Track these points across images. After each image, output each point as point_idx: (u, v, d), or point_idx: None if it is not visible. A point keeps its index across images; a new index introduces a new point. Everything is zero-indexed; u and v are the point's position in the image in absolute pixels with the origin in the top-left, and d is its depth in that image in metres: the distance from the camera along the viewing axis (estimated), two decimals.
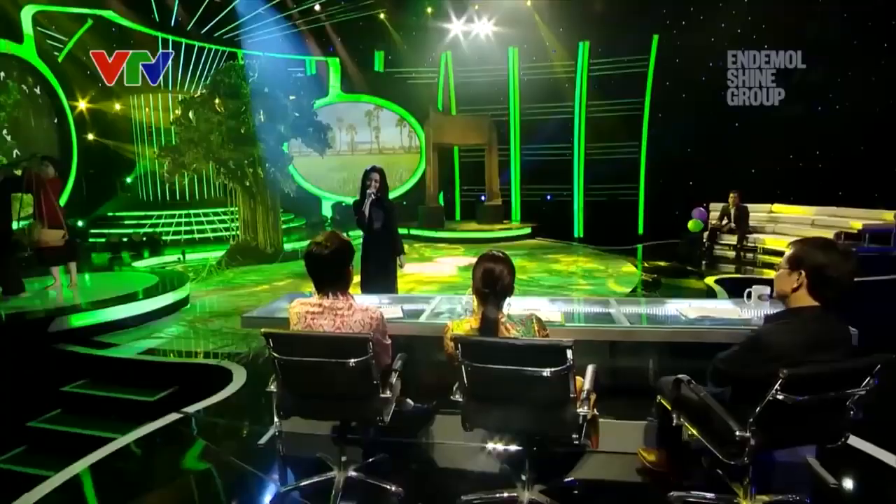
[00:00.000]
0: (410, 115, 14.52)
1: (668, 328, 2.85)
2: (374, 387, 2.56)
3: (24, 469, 4.29)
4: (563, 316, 3.10)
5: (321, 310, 2.55)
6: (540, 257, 10.08)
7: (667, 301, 3.39)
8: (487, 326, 2.36)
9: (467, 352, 2.33)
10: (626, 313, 3.17)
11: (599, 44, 13.19)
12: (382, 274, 4.96)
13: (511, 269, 2.44)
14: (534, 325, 2.37)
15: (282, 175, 9.59)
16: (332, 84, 14.19)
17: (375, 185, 4.84)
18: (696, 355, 2.92)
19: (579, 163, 13.79)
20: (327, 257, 2.50)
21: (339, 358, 2.45)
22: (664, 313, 3.19)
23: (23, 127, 9.02)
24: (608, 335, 2.91)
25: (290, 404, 2.69)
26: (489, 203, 12.93)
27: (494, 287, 2.37)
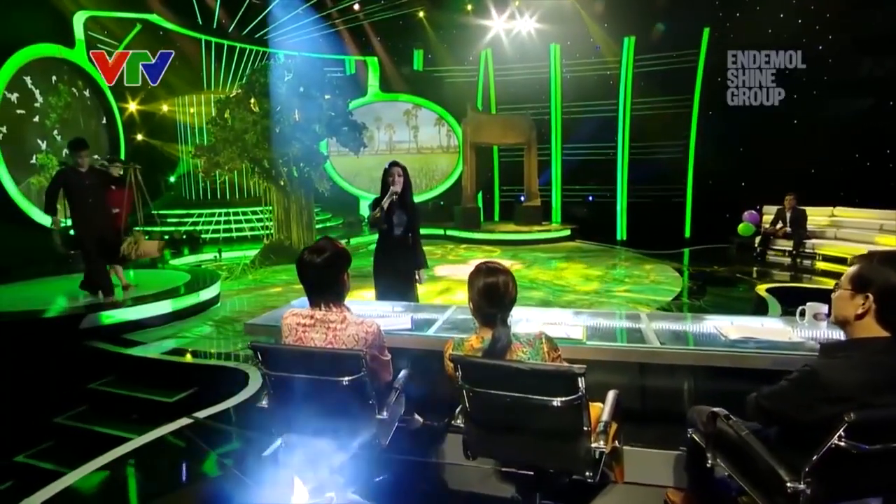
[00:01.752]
0: (449, 115, 14.31)
1: (704, 350, 2.50)
2: (369, 407, 2.35)
3: (46, 465, 4.33)
4: (586, 331, 2.79)
5: (313, 322, 2.35)
6: (578, 261, 9.66)
7: (705, 317, 3.02)
8: (498, 350, 2.08)
9: (468, 374, 2.08)
10: (658, 330, 2.83)
11: (646, 39, 12.59)
12: (400, 287, 4.38)
13: (513, 278, 2.17)
14: (542, 345, 2.08)
15: (316, 174, 9.55)
16: (370, 83, 14.14)
17: (399, 180, 4.21)
18: (737, 380, 2.58)
19: (623, 162, 13.24)
20: (319, 265, 2.30)
21: (331, 375, 2.25)
22: (701, 331, 2.83)
23: (72, 128, 9.32)
24: (633, 355, 2.59)
25: (283, 422, 2.51)
26: (528, 204, 12.56)
27: (501, 304, 2.10)
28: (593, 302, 6.73)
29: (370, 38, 13.65)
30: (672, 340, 2.66)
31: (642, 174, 12.87)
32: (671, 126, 12.45)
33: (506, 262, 9.48)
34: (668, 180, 12.66)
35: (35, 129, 8.67)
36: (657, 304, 6.54)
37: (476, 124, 12.47)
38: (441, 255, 10.76)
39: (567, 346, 2.63)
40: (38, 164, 8.67)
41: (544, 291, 7.39)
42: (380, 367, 2.46)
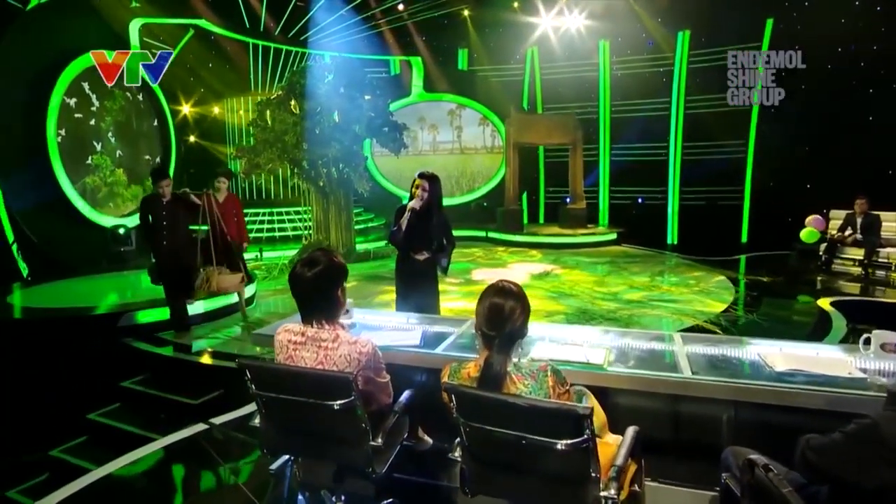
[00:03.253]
0: (493, 114, 14.02)
1: (743, 384, 2.17)
2: (362, 432, 2.17)
3: (76, 461, 4.40)
4: (609, 355, 2.51)
5: (304, 340, 2.20)
6: (623, 266, 9.18)
7: (749, 342, 2.66)
8: (489, 377, 1.86)
9: (462, 406, 1.86)
10: (691, 354, 2.51)
11: (702, 32, 11.89)
12: (422, 305, 4.04)
13: (525, 306, 1.92)
14: (547, 378, 1.83)
15: (356, 175, 9.51)
16: (414, 83, 14.04)
17: (423, 194, 3.84)
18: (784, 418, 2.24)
19: (675, 163, 12.58)
20: (310, 280, 2.15)
21: (320, 398, 2.09)
22: (742, 357, 2.49)
23: (126, 130, 9.70)
24: (660, 385, 2.28)
25: (276, 442, 2.37)
26: (572, 206, 12.12)
27: (501, 329, 1.87)
28: (634, 312, 6.32)
29: (414, 37, 13.54)
30: (706, 369, 2.34)
31: (696, 175, 12.20)
32: (728, 124, 11.69)
33: (546, 266, 9.18)
34: (723, 181, 11.92)
35: (91, 131, 9.05)
36: (705, 317, 6.07)
37: (520, 124, 12.14)
38: (480, 257, 10.52)
39: (586, 372, 2.37)
40: (93, 164, 9.05)
41: (583, 299, 7.02)
42: (376, 390, 2.28)
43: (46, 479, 4.29)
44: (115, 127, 9.45)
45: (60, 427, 4.73)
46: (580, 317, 6.09)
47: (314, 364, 2.17)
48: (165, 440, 3.67)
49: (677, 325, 5.81)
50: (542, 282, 8.08)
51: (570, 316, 6.12)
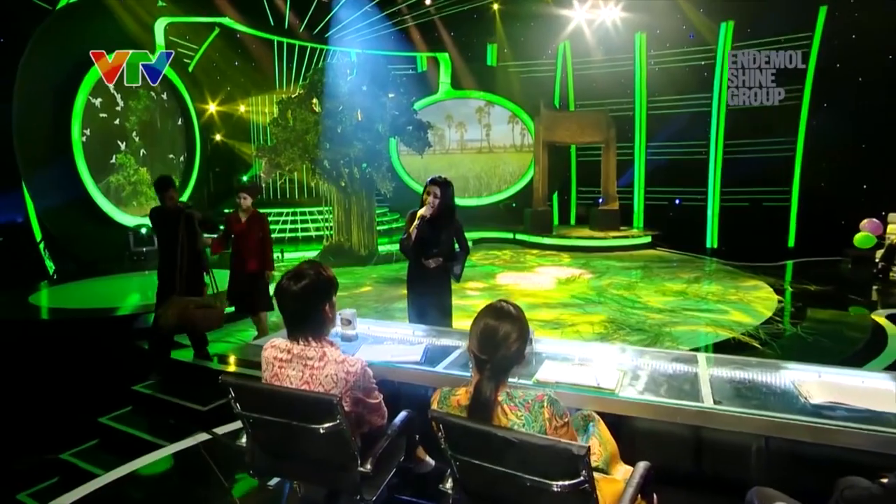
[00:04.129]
0: (523, 112, 13.81)
1: (772, 417, 1.97)
2: (350, 458, 2.06)
3: (85, 465, 4.45)
4: (623, 378, 2.33)
5: (290, 357, 2.11)
6: (656, 272, 8.86)
7: (783, 366, 2.44)
8: (478, 406, 1.72)
9: (450, 437, 1.73)
10: (716, 379, 2.32)
11: (747, 23, 11.40)
12: (434, 317, 3.92)
13: (522, 331, 1.77)
14: (543, 410, 1.68)
15: (378, 175, 9.47)
16: (441, 80, 13.94)
17: (435, 201, 3.67)
18: (819, 456, 2.03)
19: (716, 162, 12.13)
20: (296, 294, 2.06)
21: (304, 421, 1.99)
22: (774, 384, 2.27)
23: (150, 129, 9.91)
24: (677, 415, 2.10)
25: (263, 464, 2.28)
26: (604, 207, 11.80)
27: (493, 353, 1.72)
28: (665, 322, 6.05)
29: (441, 33, 13.44)
30: (731, 398, 2.14)
31: (739, 175, 11.75)
32: (775, 121, 11.19)
33: (574, 270, 8.94)
34: (769, 182, 11.43)
35: (116, 130, 9.28)
36: (743, 329, 5.76)
37: (550, 122, 11.89)
38: (506, 260, 10.34)
39: (596, 397, 2.21)
40: (117, 163, 9.28)
41: (611, 307, 6.77)
42: (367, 411, 2.17)
43: (57, 483, 4.34)
44: (139, 126, 9.67)
45: (72, 429, 4.80)
46: (606, 326, 5.86)
47: (299, 383, 2.07)
48: (168, 449, 3.66)
49: (711, 338, 5.53)
50: (569, 287, 7.86)
51: (595, 325, 5.90)
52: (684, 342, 5.36)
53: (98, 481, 3.55)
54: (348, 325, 3.22)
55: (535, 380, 2.34)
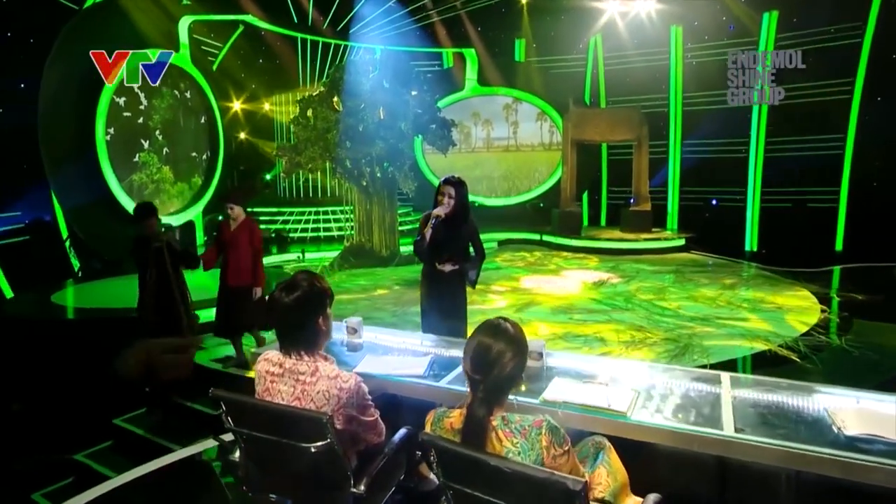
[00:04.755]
0: (552, 109, 13.59)
1: (799, 449, 1.82)
2: (342, 477, 2.00)
3: (98, 467, 4.53)
4: (637, 399, 2.21)
5: (282, 372, 2.06)
6: (689, 277, 8.58)
7: (816, 389, 2.28)
8: (471, 430, 1.63)
9: (442, 462, 1.65)
10: (739, 402, 2.18)
11: (793, 12, 10.97)
12: (448, 326, 3.82)
13: (518, 350, 1.68)
14: (541, 438, 1.58)
15: (401, 174, 9.44)
16: (468, 77, 13.83)
17: (449, 201, 3.65)
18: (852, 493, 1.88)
19: (757, 160, 11.74)
20: (288, 306, 2.01)
21: (294, 439, 1.94)
22: (805, 410, 2.12)
23: (173, 127, 10.11)
24: (694, 442, 1.97)
25: (255, 480, 2.24)
26: (635, 208, 11.52)
27: (486, 373, 1.64)
28: (696, 331, 5.83)
29: (468, 28, 13.32)
30: (755, 425, 2.00)
31: (781, 174, 11.34)
32: (822, 116, 10.74)
33: (602, 274, 8.73)
34: (815, 181, 11.00)
35: (139, 129, 9.48)
36: (781, 340, 5.50)
37: (578, 119, 11.66)
38: (531, 263, 10.19)
39: (606, 420, 2.10)
40: (140, 162, 9.49)
41: (639, 313, 6.58)
42: (362, 429, 2.11)
43: (70, 483, 4.42)
44: (162, 125, 9.87)
45: (87, 430, 4.89)
46: (632, 335, 5.68)
47: (291, 399, 2.03)
48: (175, 455, 3.68)
49: (745, 350, 5.30)
50: (596, 292, 7.67)
51: (620, 333, 5.73)
52: (715, 354, 5.15)
53: (108, 484, 3.59)
54: (354, 333, 3.18)
55: (542, 398, 2.24)
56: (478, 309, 6.86)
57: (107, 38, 8.53)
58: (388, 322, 6.50)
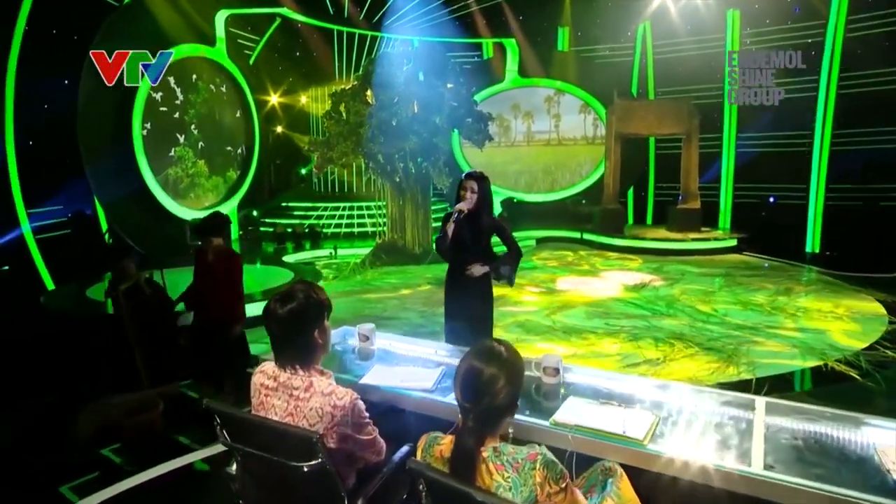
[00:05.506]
0: (596, 100, 13.25)
1: (837, 495, 1.65)
2: (337, 498, 1.95)
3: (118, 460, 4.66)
4: (656, 425, 2.07)
5: (276, 385, 2.02)
6: (739, 280, 8.19)
7: (866, 422, 2.07)
8: (459, 460, 1.55)
9: (432, 492, 1.57)
10: (773, 433, 2.01)
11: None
12: (472, 331, 3.74)
13: (512, 377, 1.58)
14: (534, 473, 1.48)
15: (435, 169, 9.38)
16: (508, 68, 13.62)
17: (472, 196, 3.58)
18: None
19: (821, 154, 11.12)
20: (282, 318, 1.97)
21: (286, 457, 1.90)
22: (849, 446, 1.93)
23: (208, 122, 10.35)
24: (716, 478, 1.81)
25: (252, 494, 2.21)
26: (684, 206, 11.10)
27: (476, 401, 1.55)
28: (742, 341, 5.53)
29: (508, 17, 13.11)
30: (789, 461, 1.83)
31: (849, 169, 10.74)
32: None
33: (645, 276, 8.44)
34: (887, 177, 10.28)
35: (175, 124, 9.76)
36: (839, 354, 5.15)
37: (623, 112, 11.31)
38: (570, 262, 9.96)
39: (620, 447, 1.97)
40: (175, 156, 9.76)
41: (680, 319, 6.31)
42: (358, 448, 2.05)
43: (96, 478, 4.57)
44: (198, 119, 10.13)
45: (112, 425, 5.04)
46: (672, 343, 5.43)
47: (284, 414, 1.99)
48: (186, 458, 3.74)
49: (797, 363, 4.98)
50: (636, 295, 7.42)
51: (659, 342, 5.49)
52: (762, 367, 4.87)
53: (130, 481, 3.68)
54: (366, 340, 3.13)
55: (553, 420, 2.13)
56: (508, 311, 6.76)
57: (145, 34, 8.81)
58: (415, 323, 6.46)
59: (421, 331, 6.08)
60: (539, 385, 2.53)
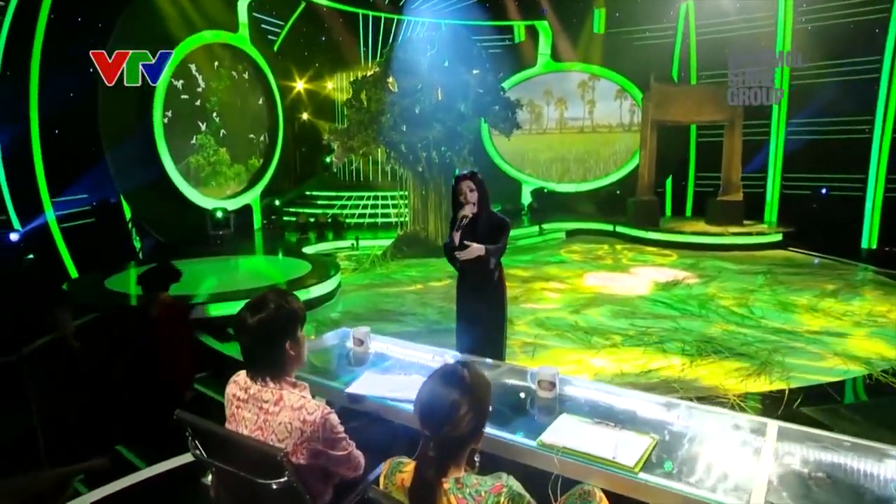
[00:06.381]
0: (633, 85, 12.85)
1: None
2: None
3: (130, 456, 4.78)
4: (652, 449, 1.96)
5: (246, 397, 2.00)
6: (782, 279, 7.84)
7: (891, 453, 1.91)
8: (418, 492, 1.48)
9: None
10: (784, 461, 1.87)
11: None
12: (483, 339, 3.74)
13: (476, 404, 1.50)
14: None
15: (459, 159, 9.28)
16: (540, 52, 13.32)
17: (473, 196, 3.55)
18: None
19: (883, 141, 10.50)
20: (252, 329, 1.93)
21: (254, 473, 1.87)
22: (866, 482, 1.78)
23: (230, 109, 10.47)
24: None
25: None
26: (724, 198, 10.70)
27: (437, 429, 1.47)
28: (778, 347, 5.28)
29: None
30: (796, 498, 1.70)
31: None
32: None
33: (678, 273, 8.17)
34: None
35: (196, 111, 9.90)
36: (887, 364, 4.86)
37: (661, 98, 10.92)
38: (599, 257, 9.73)
39: (607, 473, 1.87)
40: (197, 144, 9.92)
41: (713, 321, 6.08)
42: (332, 464, 2.00)
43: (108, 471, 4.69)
44: (219, 106, 10.26)
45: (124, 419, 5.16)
46: (698, 349, 5.22)
47: (254, 428, 1.96)
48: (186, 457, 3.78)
49: (838, 373, 4.73)
50: (668, 293, 7.18)
51: (686, 347, 5.29)
52: (798, 376, 4.63)
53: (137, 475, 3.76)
54: (361, 345, 3.08)
55: (540, 441, 2.04)
56: (529, 308, 6.64)
57: (166, 21, 8.95)
58: (431, 320, 6.42)
59: (437, 328, 6.04)
60: (533, 399, 2.45)
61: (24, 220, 7.85)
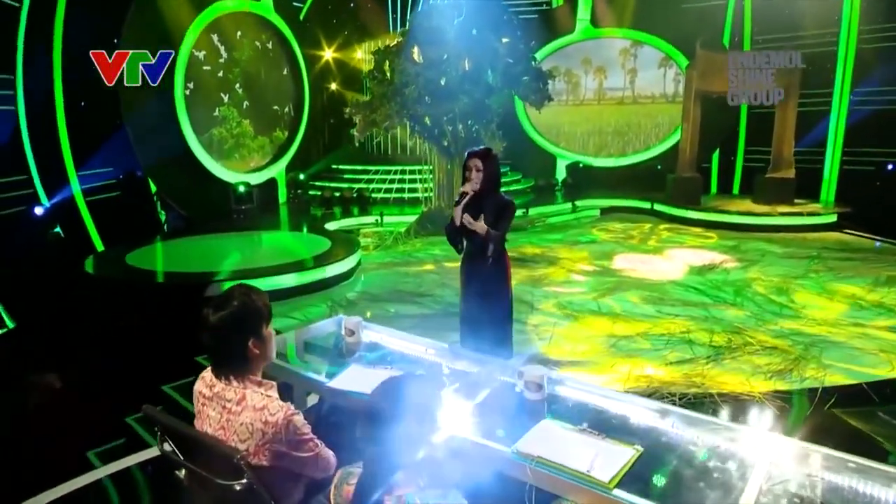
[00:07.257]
0: (679, 53, 12.31)
1: None
2: None
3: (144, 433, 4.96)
4: (633, 462, 1.88)
5: (211, 395, 2.00)
6: (831, 265, 7.47)
7: None
8: None
9: None
10: (776, 482, 1.77)
11: None
12: (489, 332, 3.67)
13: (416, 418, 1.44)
14: None
15: (486, 132, 9.12)
16: (579, 17, 12.86)
17: (477, 175, 3.50)
18: None
19: None
20: (214, 326, 1.92)
21: (213, 474, 1.88)
22: None
23: (253, 80, 10.51)
24: None
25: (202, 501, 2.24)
26: (774, 175, 10.22)
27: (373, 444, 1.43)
28: (818, 339, 5.04)
29: None
30: None
31: None
32: None
33: (716, 256, 7.88)
34: None
35: (219, 83, 9.98)
36: None
37: (706, 66, 10.39)
38: (633, 237, 9.46)
39: (579, 488, 1.80)
40: (220, 116, 10.02)
41: (748, 309, 5.84)
42: (297, 466, 1.99)
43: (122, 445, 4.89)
44: (242, 77, 10.30)
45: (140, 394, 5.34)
46: (729, 338, 5.03)
47: (217, 427, 1.97)
48: None
49: (881, 370, 4.48)
50: (702, 278, 6.94)
51: (715, 335, 5.10)
52: (836, 372, 4.42)
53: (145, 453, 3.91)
54: (352, 335, 3.07)
55: (515, 448, 1.98)
56: (552, 291, 6.53)
57: None
58: (448, 301, 6.38)
59: (452, 310, 5.99)
60: (521, 400, 2.38)
61: (51, 193, 8.14)
